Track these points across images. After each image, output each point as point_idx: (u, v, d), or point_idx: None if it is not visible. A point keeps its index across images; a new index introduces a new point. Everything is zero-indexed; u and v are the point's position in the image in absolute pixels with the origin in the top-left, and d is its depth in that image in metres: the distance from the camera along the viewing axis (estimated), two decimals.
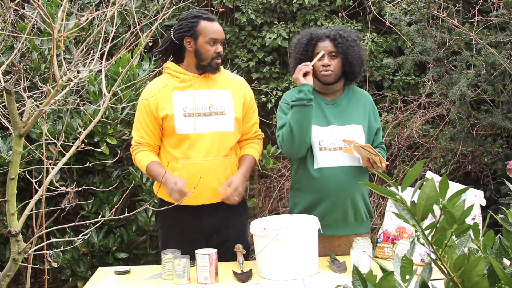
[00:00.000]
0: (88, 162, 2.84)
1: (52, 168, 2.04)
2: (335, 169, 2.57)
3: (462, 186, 1.63)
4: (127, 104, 3.34)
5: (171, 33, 2.66)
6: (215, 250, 2.34)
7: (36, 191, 2.37)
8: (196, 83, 2.64)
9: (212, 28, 2.60)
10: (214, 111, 2.62)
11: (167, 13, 3.42)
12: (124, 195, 2.67)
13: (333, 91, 2.71)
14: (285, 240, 2.29)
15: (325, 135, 2.60)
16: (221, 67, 2.75)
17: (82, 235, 2.09)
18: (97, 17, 3.59)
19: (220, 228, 2.67)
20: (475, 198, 2.46)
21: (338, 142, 2.59)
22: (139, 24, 3.15)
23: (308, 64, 2.57)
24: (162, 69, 2.70)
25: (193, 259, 2.37)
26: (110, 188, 3.07)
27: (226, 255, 2.56)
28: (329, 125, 2.62)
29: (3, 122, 2.14)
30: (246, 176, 2.66)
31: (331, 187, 2.56)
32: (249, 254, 2.71)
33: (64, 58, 2.27)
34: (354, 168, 2.59)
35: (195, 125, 2.58)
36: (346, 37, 2.63)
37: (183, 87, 2.63)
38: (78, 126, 3.32)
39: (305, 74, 2.58)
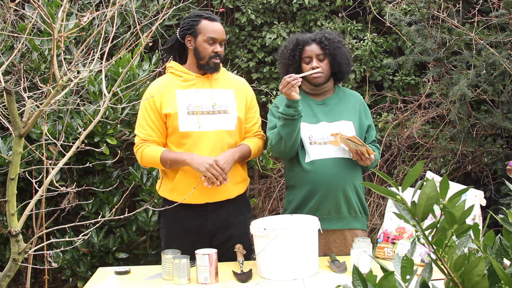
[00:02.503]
0: (88, 162, 2.84)
1: (52, 168, 2.03)
2: (326, 161, 2.63)
3: (462, 186, 1.63)
4: (127, 104, 3.34)
5: (177, 32, 2.69)
6: (215, 250, 2.34)
7: (36, 191, 2.37)
8: (199, 82, 2.66)
9: (211, 27, 2.63)
10: (217, 110, 2.64)
11: (167, 13, 3.42)
12: (124, 195, 2.67)
13: (322, 91, 2.77)
14: (285, 240, 2.29)
15: (315, 131, 2.66)
16: (223, 68, 2.77)
17: (82, 235, 2.09)
18: (97, 17, 3.58)
19: (224, 227, 2.68)
20: (475, 198, 2.46)
21: (328, 137, 2.65)
22: (139, 24, 3.15)
23: (296, 77, 2.54)
24: (162, 69, 2.71)
25: (193, 259, 2.37)
26: (110, 188, 3.07)
27: (227, 254, 2.57)
28: (319, 122, 2.69)
29: (3, 122, 2.14)
30: (234, 156, 2.61)
31: (323, 178, 2.62)
32: (251, 254, 2.71)
33: (64, 58, 2.27)
34: (345, 159, 2.65)
35: (199, 123, 2.59)
36: (332, 39, 2.70)
37: (186, 86, 2.65)
38: (78, 126, 3.32)
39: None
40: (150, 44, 4.15)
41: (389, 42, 4.55)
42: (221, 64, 2.76)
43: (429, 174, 2.73)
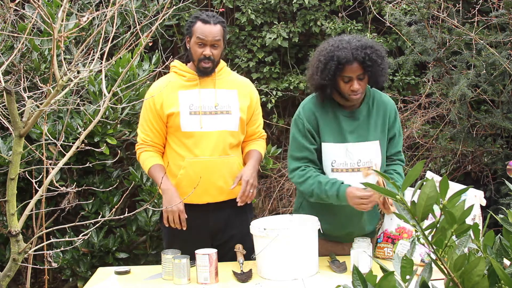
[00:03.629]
0: (88, 162, 2.85)
1: (52, 168, 2.03)
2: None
3: (462, 186, 1.63)
4: (127, 104, 3.34)
5: None
6: (215, 250, 2.34)
7: (36, 191, 2.37)
8: (202, 82, 2.65)
9: (202, 29, 2.60)
10: (220, 110, 2.64)
11: (167, 13, 3.42)
12: (124, 195, 2.67)
13: (354, 103, 2.52)
14: (285, 240, 2.29)
15: (339, 154, 2.48)
16: (228, 68, 2.77)
17: (82, 235, 2.09)
18: (97, 17, 3.58)
19: (226, 227, 2.69)
20: (475, 198, 2.46)
21: (351, 163, 2.48)
22: (139, 24, 3.15)
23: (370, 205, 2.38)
24: (162, 69, 2.72)
25: (193, 259, 2.37)
26: (110, 188, 3.07)
27: (229, 254, 2.57)
28: (344, 142, 2.48)
29: (3, 122, 2.14)
30: (256, 168, 2.67)
31: (340, 209, 2.49)
32: (252, 253, 2.71)
33: (64, 58, 2.27)
34: None
35: (201, 123, 2.60)
36: (375, 59, 2.39)
37: (189, 86, 2.65)
38: (78, 126, 3.32)
39: None
40: (150, 44, 4.15)
41: (389, 42, 4.55)
42: (224, 64, 2.76)
43: (429, 174, 2.73)
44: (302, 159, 2.51)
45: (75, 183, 3.38)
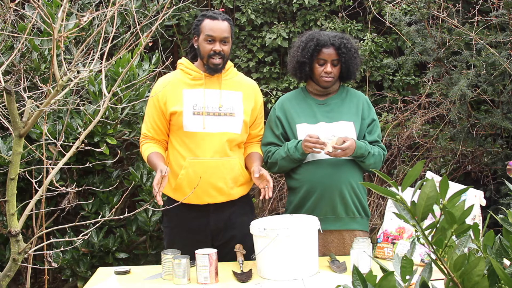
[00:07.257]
0: (88, 162, 2.85)
1: (52, 168, 2.03)
2: (322, 161, 2.64)
3: (462, 186, 1.63)
4: (127, 104, 3.34)
5: None
6: (215, 250, 2.34)
7: (36, 191, 2.37)
8: (208, 82, 2.65)
9: (210, 25, 2.61)
10: (223, 112, 2.63)
11: (167, 13, 3.42)
12: (124, 195, 2.67)
13: (326, 93, 2.78)
14: (285, 240, 2.29)
15: (312, 132, 2.65)
16: (235, 69, 2.77)
17: (82, 235, 2.09)
18: (97, 17, 3.59)
19: (226, 228, 2.69)
20: (475, 198, 2.46)
21: (325, 137, 2.62)
22: (139, 24, 3.15)
23: (322, 147, 2.56)
24: (162, 69, 2.72)
25: (193, 259, 2.37)
26: (110, 188, 3.07)
27: (229, 255, 2.57)
28: (318, 123, 2.70)
29: (3, 122, 2.14)
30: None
31: (318, 179, 2.63)
32: (252, 254, 2.71)
33: (64, 58, 2.28)
34: (341, 160, 2.64)
35: (204, 124, 2.59)
36: (349, 47, 2.70)
37: (194, 85, 2.65)
38: (78, 126, 3.32)
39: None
40: (150, 44, 4.15)
41: (389, 42, 4.55)
42: (231, 64, 2.75)
43: (429, 174, 2.73)
44: (271, 144, 2.76)
45: (75, 183, 3.38)
